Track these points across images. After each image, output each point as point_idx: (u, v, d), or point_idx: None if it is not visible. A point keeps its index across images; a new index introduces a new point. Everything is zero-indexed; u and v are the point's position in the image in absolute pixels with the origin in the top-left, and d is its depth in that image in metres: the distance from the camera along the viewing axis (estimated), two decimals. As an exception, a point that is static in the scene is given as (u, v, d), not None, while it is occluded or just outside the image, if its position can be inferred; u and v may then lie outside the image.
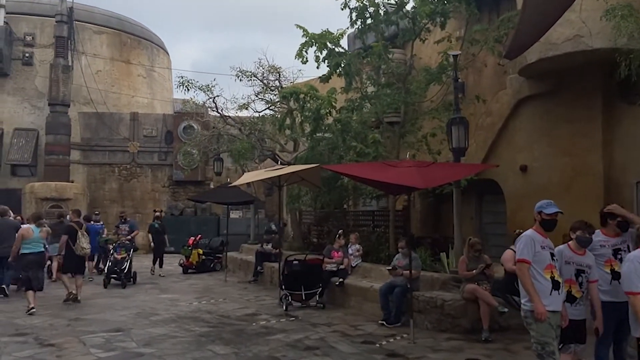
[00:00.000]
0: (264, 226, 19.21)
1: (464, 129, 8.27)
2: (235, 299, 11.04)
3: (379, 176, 6.75)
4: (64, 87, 21.10)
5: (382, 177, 6.68)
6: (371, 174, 6.90)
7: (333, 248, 10.74)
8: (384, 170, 7.04)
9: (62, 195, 20.61)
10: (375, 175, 6.80)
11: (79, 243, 10.31)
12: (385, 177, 6.67)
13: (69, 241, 10.37)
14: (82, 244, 10.33)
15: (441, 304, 8.00)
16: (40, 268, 9.98)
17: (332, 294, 10.30)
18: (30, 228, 9.95)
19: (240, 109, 15.51)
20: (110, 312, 9.59)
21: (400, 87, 11.49)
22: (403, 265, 8.69)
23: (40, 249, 10.00)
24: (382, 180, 6.66)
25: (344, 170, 7.19)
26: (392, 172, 6.87)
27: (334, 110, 11.47)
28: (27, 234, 9.81)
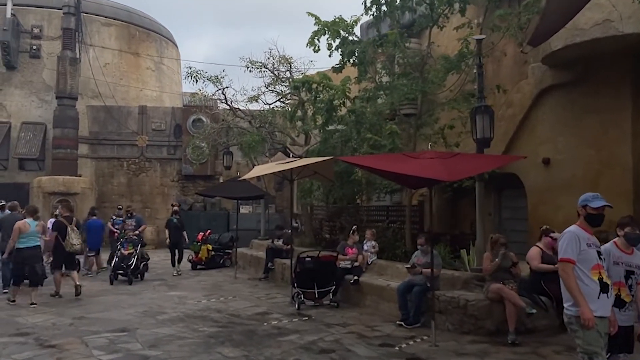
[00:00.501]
0: (275, 222, 18.79)
1: (489, 118, 7.78)
2: (246, 297, 10.64)
3: (399, 168, 6.29)
4: (71, 80, 20.76)
5: (403, 169, 6.22)
6: (390, 166, 6.43)
7: (347, 244, 10.30)
8: (404, 162, 6.58)
9: (69, 189, 20.31)
10: (395, 167, 6.33)
11: (69, 239, 10.07)
12: (406, 169, 6.21)
13: (59, 237, 10.11)
14: (71, 240, 10.08)
15: (464, 304, 7.54)
16: (37, 262, 9.71)
17: (346, 293, 9.87)
18: (26, 222, 9.64)
19: (250, 101, 15.07)
20: (116, 310, 9.23)
21: (416, 77, 11.01)
22: (422, 263, 8.23)
23: (36, 243, 9.72)
24: (403, 173, 6.18)
25: (360, 162, 6.74)
26: (414, 164, 6.40)
27: (348, 101, 10.99)
28: (24, 227, 9.51)
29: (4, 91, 22.21)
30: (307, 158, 10.70)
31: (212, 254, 15.22)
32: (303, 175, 10.46)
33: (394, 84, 10.72)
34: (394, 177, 7.35)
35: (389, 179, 7.86)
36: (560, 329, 7.50)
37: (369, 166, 6.66)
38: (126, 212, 14.03)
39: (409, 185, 7.70)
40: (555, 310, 7.58)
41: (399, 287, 8.29)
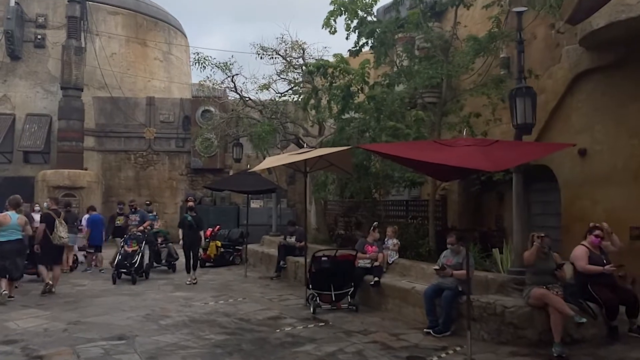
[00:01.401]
0: (287, 217, 18.02)
1: (531, 101, 6.91)
2: (257, 299, 9.86)
3: (433, 157, 5.45)
4: (76, 70, 20.09)
5: (438, 158, 5.38)
6: (422, 155, 5.59)
7: (367, 242, 9.48)
8: (438, 150, 5.73)
9: (75, 183, 19.69)
10: (428, 156, 5.50)
11: (57, 232, 9.74)
12: (441, 159, 5.38)
13: (46, 230, 9.72)
14: (59, 233, 9.76)
15: (501, 311, 6.70)
16: (19, 256, 9.28)
17: (365, 295, 9.06)
18: (7, 215, 9.12)
19: (261, 89, 14.24)
20: (115, 313, 8.49)
21: (441, 60, 10.13)
22: (453, 264, 7.40)
23: (18, 237, 9.22)
24: (439, 162, 5.34)
25: (386, 151, 5.90)
26: (449, 153, 5.57)
27: (366, 86, 10.15)
28: (4, 220, 9.00)
29: (8, 82, 21.61)
30: (324, 148, 9.88)
31: (221, 250, 14.48)
32: (318, 167, 9.65)
33: (416, 69, 9.83)
34: (423, 168, 6.51)
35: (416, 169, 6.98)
36: (610, 339, 6.69)
37: (396, 155, 5.79)
38: (129, 206, 13.28)
39: (440, 176, 6.85)
40: (604, 317, 6.75)
41: (427, 290, 7.46)
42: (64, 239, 9.92)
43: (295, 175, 21.83)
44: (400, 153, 5.80)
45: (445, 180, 7.96)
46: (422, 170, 6.55)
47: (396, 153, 5.80)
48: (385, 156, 6.13)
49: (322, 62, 9.89)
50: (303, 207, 21.69)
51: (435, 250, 9.76)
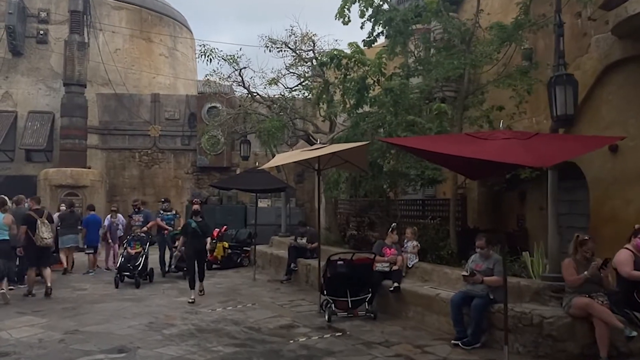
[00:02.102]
0: (296, 216, 17.43)
1: (572, 90, 6.27)
2: (267, 304, 9.27)
3: (467, 151, 4.83)
4: (79, 66, 19.54)
5: (473, 152, 4.77)
6: (454, 149, 4.97)
7: (385, 244, 8.87)
8: (472, 144, 5.12)
9: (78, 182, 19.14)
10: (462, 150, 4.88)
11: (39, 233, 9.41)
12: (477, 153, 4.76)
13: (29, 231, 9.39)
14: (41, 234, 9.45)
15: (539, 321, 6.08)
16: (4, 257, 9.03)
17: (383, 301, 8.44)
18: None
19: (270, 84, 13.63)
20: (116, 321, 7.92)
21: (462, 51, 9.49)
22: (483, 270, 6.77)
23: (4, 237, 9.01)
24: (475, 157, 4.72)
25: (413, 145, 5.29)
26: (486, 147, 4.95)
27: (383, 78, 9.52)
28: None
29: (9, 79, 21.10)
30: (338, 144, 9.27)
31: (228, 252, 13.88)
32: (332, 164, 9.03)
33: (436, 60, 9.20)
34: (454, 163, 5.88)
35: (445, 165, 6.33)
36: (659, 353, 6.05)
37: (425, 149, 5.17)
38: (133, 206, 12.70)
39: (472, 173, 6.22)
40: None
41: (454, 298, 6.84)
42: (47, 240, 9.58)
43: (304, 173, 21.22)
44: (430, 147, 5.18)
45: (477, 178, 7.33)
46: (452, 166, 5.93)
47: (425, 147, 5.18)
48: (411, 151, 5.51)
49: (336, 51, 9.26)
50: (312, 207, 21.14)
51: (457, 253, 9.14)
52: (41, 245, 9.50)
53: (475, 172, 6.00)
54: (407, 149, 5.46)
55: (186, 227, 10.01)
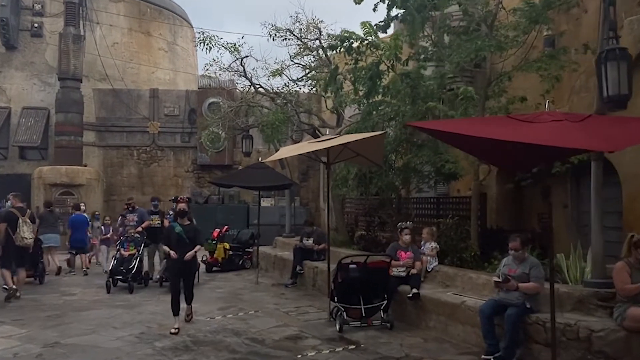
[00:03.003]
0: (301, 216, 16.62)
1: (626, 66, 5.44)
2: (271, 312, 8.45)
3: (513, 135, 4.01)
4: (75, 60, 18.77)
5: (522, 136, 3.94)
6: (496, 132, 4.16)
7: (400, 246, 8.04)
8: (516, 127, 4.30)
9: (73, 180, 18.36)
10: (511, 134, 4.07)
11: (19, 232, 8.90)
12: (527, 137, 3.93)
13: (9, 230, 8.89)
14: (22, 233, 8.94)
15: (587, 335, 5.24)
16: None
17: (400, 309, 7.61)
18: None
19: (273, 75, 12.83)
20: (104, 331, 7.11)
21: (483, 34, 8.64)
22: (518, 275, 5.94)
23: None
24: (526, 142, 3.91)
25: (446, 128, 4.46)
26: (536, 130, 4.12)
27: (399, 63, 8.69)
28: None
29: (3, 73, 20.38)
30: (350, 135, 8.45)
31: (229, 253, 13.06)
32: (342, 157, 8.21)
33: (458, 42, 8.35)
34: (490, 151, 5.04)
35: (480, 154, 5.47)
36: None
37: (461, 133, 4.35)
38: (127, 205, 11.88)
39: (508, 163, 5.37)
40: None
41: (483, 307, 6.01)
42: (27, 240, 9.07)
43: (309, 171, 20.44)
44: (468, 131, 4.35)
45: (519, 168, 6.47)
46: (488, 154, 5.09)
47: (462, 131, 4.35)
48: (443, 136, 4.67)
49: (347, 33, 8.43)
50: (317, 206, 20.36)
51: (482, 255, 8.32)
52: (21, 245, 8.95)
53: (517, 161, 5.16)
54: (439, 133, 4.62)
55: (168, 233, 7.61)
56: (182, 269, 7.42)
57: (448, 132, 4.47)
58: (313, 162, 19.97)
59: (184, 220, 7.50)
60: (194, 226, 7.61)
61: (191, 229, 7.49)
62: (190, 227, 7.50)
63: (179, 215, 7.54)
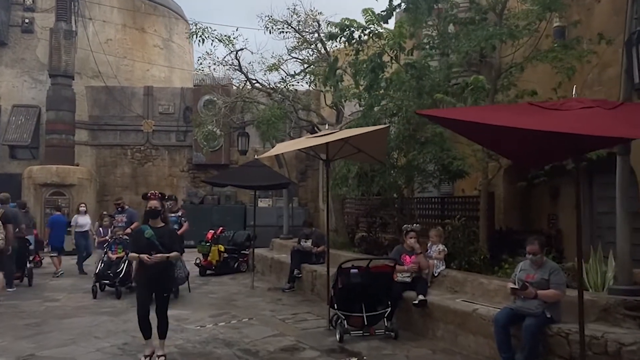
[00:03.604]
0: (299, 217, 16.07)
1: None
2: (266, 319, 7.89)
3: (541, 124, 3.47)
4: (66, 56, 18.19)
5: (559, 125, 3.42)
6: (521, 121, 3.61)
7: (404, 250, 7.49)
8: (542, 116, 3.76)
9: (64, 180, 17.77)
10: (533, 123, 3.53)
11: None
12: (558, 126, 3.40)
13: None
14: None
15: (616, 349, 4.70)
16: None
17: (405, 317, 7.07)
18: None
19: (270, 70, 12.30)
20: (84, 342, 6.57)
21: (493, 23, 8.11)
22: (537, 281, 5.40)
23: None
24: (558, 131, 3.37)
25: (463, 117, 3.90)
26: (566, 118, 3.60)
27: (403, 54, 8.15)
28: None
29: (-8, 70, 19.77)
30: (351, 129, 7.92)
31: (224, 256, 12.49)
32: (343, 154, 7.66)
33: (466, 31, 7.81)
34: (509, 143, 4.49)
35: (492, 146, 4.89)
36: None
37: (478, 122, 3.80)
38: (116, 205, 11.32)
39: (530, 157, 4.80)
40: None
41: (498, 317, 5.47)
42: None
43: (308, 170, 19.89)
44: (486, 119, 3.81)
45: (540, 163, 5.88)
46: (506, 146, 4.52)
47: (479, 119, 3.81)
48: (457, 126, 4.11)
49: (348, 21, 7.89)
50: (316, 207, 19.81)
51: (491, 259, 7.79)
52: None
53: (542, 154, 4.61)
54: (453, 123, 4.07)
55: (137, 237, 5.87)
56: (153, 282, 5.70)
57: (464, 121, 3.93)
58: (312, 161, 19.44)
59: (156, 222, 5.82)
60: (169, 229, 6.05)
61: (166, 232, 5.83)
62: (165, 231, 5.82)
63: (150, 216, 5.82)
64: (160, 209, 5.87)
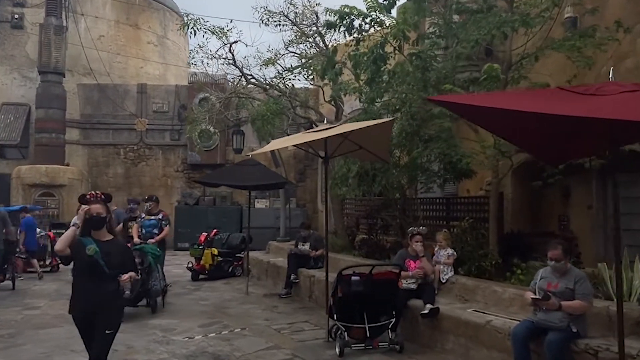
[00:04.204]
0: (297, 218, 15.49)
1: None
2: (260, 329, 7.31)
3: (581, 110, 2.90)
4: (56, 52, 17.60)
5: (596, 111, 2.84)
6: (552, 107, 3.05)
7: (408, 254, 6.92)
8: (576, 102, 3.19)
9: (54, 180, 17.18)
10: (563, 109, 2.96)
11: None
12: (603, 111, 2.83)
13: None
14: None
15: (654, 370, 4.13)
16: None
17: (411, 328, 6.51)
18: None
19: (266, 65, 11.74)
20: (60, 355, 6.02)
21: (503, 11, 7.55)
22: (560, 291, 4.82)
23: None
24: (595, 117, 2.81)
25: (484, 103, 3.34)
26: (606, 103, 3.05)
27: (406, 43, 7.58)
28: None
29: (-19, 67, 19.19)
30: (353, 123, 7.35)
31: (218, 260, 11.89)
32: (343, 151, 7.09)
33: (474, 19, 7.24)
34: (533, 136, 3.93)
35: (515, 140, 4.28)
36: None
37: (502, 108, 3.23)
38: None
39: (553, 153, 4.23)
40: None
41: (517, 330, 4.91)
42: None
43: (306, 170, 19.32)
44: (512, 105, 3.24)
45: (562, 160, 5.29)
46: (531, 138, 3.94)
47: (505, 106, 3.24)
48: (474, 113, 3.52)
49: (348, 9, 7.32)
50: (314, 208, 19.22)
51: (501, 263, 7.22)
52: None
53: (569, 148, 4.04)
54: (471, 110, 3.50)
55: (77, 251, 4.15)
56: (90, 315, 4.20)
57: (484, 108, 3.35)
58: (311, 160, 18.87)
59: (100, 234, 4.26)
60: (119, 244, 4.51)
61: (115, 248, 4.29)
62: (114, 247, 4.29)
63: (92, 226, 4.24)
64: (104, 215, 4.28)
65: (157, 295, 8.38)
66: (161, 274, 8.43)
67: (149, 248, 8.39)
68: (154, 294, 8.24)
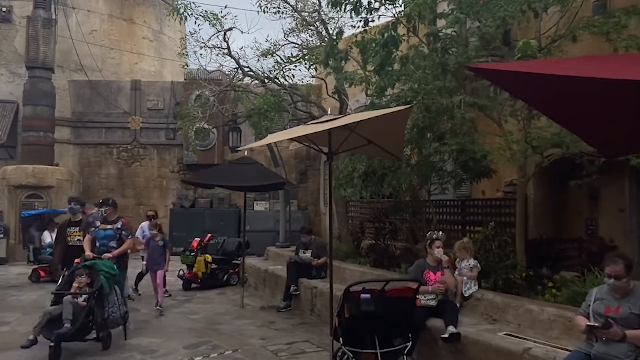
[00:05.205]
0: (298, 221, 14.57)
1: None
2: (254, 351, 6.37)
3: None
4: (44, 46, 16.71)
5: None
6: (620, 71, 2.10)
7: (427, 264, 5.99)
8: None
9: (41, 182, 16.24)
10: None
11: None
12: None
13: None
14: None
15: None
16: None
17: (430, 352, 5.57)
18: None
19: (264, 55, 10.82)
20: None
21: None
22: (622, 317, 3.87)
23: None
24: None
25: (546, 70, 2.43)
26: None
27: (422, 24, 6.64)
28: None
29: (-33, 63, 18.30)
30: (360, 113, 6.43)
31: (212, 267, 10.94)
32: (350, 146, 6.15)
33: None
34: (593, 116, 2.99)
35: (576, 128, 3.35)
36: None
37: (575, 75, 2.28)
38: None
39: (619, 142, 3.28)
40: None
41: (568, 365, 3.96)
42: None
43: (308, 171, 18.38)
44: (589, 72, 2.29)
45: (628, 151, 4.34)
46: (601, 125, 3.00)
47: (579, 72, 2.30)
48: (529, 84, 2.60)
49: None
50: (316, 210, 18.31)
51: (532, 275, 6.28)
52: None
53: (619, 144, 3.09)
54: (524, 80, 2.55)
55: None
56: None
57: (545, 76, 2.41)
58: (312, 160, 17.95)
59: None
60: None
61: None
62: None
63: None
64: None
65: (115, 325, 6.74)
66: (120, 298, 6.87)
67: (102, 265, 6.76)
68: (110, 324, 6.62)
